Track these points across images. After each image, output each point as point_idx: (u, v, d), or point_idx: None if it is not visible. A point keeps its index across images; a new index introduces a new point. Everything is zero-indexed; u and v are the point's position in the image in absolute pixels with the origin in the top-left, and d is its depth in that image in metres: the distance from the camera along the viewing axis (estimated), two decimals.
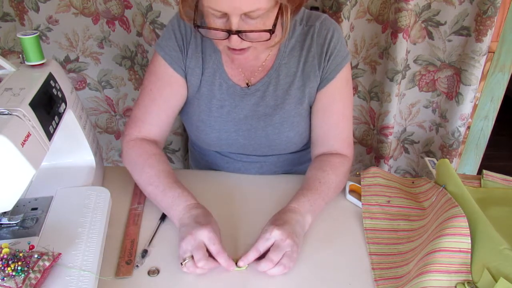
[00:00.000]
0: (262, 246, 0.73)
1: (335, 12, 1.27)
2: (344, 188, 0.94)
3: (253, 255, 0.72)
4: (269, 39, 0.77)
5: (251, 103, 0.94)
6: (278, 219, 0.77)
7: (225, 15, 0.74)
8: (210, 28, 0.77)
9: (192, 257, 0.70)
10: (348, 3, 1.25)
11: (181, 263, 0.71)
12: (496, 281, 0.66)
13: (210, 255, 0.72)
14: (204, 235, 0.71)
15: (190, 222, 0.75)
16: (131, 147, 0.90)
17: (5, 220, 0.73)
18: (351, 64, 0.99)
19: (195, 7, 0.79)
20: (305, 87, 0.92)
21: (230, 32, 0.74)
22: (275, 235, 0.73)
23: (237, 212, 0.88)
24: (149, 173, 0.85)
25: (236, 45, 0.77)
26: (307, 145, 1.05)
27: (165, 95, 0.92)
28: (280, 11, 0.76)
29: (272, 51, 0.92)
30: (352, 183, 0.95)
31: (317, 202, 0.84)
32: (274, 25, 0.76)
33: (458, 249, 0.70)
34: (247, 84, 0.94)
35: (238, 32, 0.74)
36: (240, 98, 0.94)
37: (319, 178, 0.88)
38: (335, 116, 0.94)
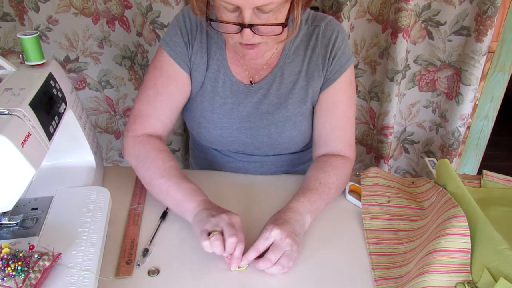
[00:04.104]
0: (262, 245, 0.73)
1: (335, 12, 1.27)
2: (344, 189, 0.94)
3: (253, 254, 0.72)
4: (281, 33, 0.77)
5: (254, 101, 0.94)
6: (278, 219, 0.77)
7: (238, 9, 0.74)
8: (222, 22, 0.77)
9: (221, 233, 0.71)
10: (348, 3, 1.25)
11: (208, 234, 0.71)
12: (496, 281, 0.66)
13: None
14: (237, 220, 0.73)
15: (213, 209, 0.76)
16: (138, 142, 0.90)
17: (5, 220, 0.73)
18: None
19: (207, 1, 0.80)
20: (309, 86, 0.93)
21: (242, 25, 0.75)
22: (275, 234, 0.73)
23: (237, 211, 0.88)
24: (161, 167, 0.85)
25: (248, 39, 0.77)
26: (307, 146, 1.05)
27: (170, 90, 0.92)
28: (292, 5, 0.77)
29: (277, 49, 0.92)
30: (352, 183, 0.95)
31: (317, 202, 0.84)
32: (287, 18, 0.77)
33: (458, 249, 0.70)
34: (250, 82, 0.94)
35: (250, 26, 0.75)
36: (243, 96, 0.94)
37: (320, 179, 0.88)
38: (338, 117, 0.94)
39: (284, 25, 0.76)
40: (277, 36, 0.78)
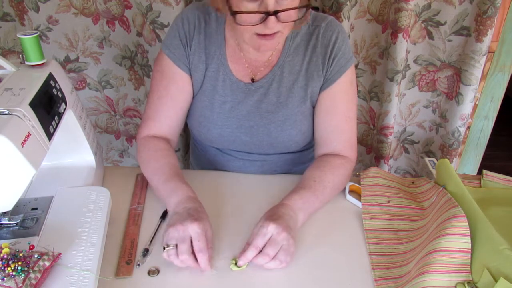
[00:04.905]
0: (260, 242, 0.73)
1: (335, 12, 1.27)
2: (344, 189, 0.94)
3: (252, 253, 0.73)
4: (303, 16, 0.80)
5: (254, 100, 0.95)
6: (272, 215, 0.77)
7: None
8: (247, 12, 0.77)
9: (176, 246, 0.71)
10: (348, 3, 1.25)
11: (164, 248, 0.71)
12: (496, 281, 0.66)
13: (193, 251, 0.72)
14: (193, 229, 0.72)
15: (183, 212, 0.75)
16: (142, 143, 0.94)
17: (5, 220, 0.73)
18: None
19: None
20: (308, 86, 0.93)
21: (267, 13, 0.75)
22: (271, 229, 0.73)
23: (236, 212, 0.88)
24: (154, 166, 0.88)
25: (272, 27, 0.77)
26: (308, 145, 1.05)
27: (171, 92, 0.94)
28: None
29: (278, 48, 0.92)
30: (352, 183, 0.95)
31: (310, 200, 0.84)
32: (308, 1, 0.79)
33: (458, 249, 0.70)
34: (252, 79, 0.94)
35: (275, 13, 0.75)
36: (243, 95, 0.94)
37: (315, 177, 0.88)
38: (338, 117, 0.94)
39: (307, 6, 0.78)
40: (293, 24, 0.80)
